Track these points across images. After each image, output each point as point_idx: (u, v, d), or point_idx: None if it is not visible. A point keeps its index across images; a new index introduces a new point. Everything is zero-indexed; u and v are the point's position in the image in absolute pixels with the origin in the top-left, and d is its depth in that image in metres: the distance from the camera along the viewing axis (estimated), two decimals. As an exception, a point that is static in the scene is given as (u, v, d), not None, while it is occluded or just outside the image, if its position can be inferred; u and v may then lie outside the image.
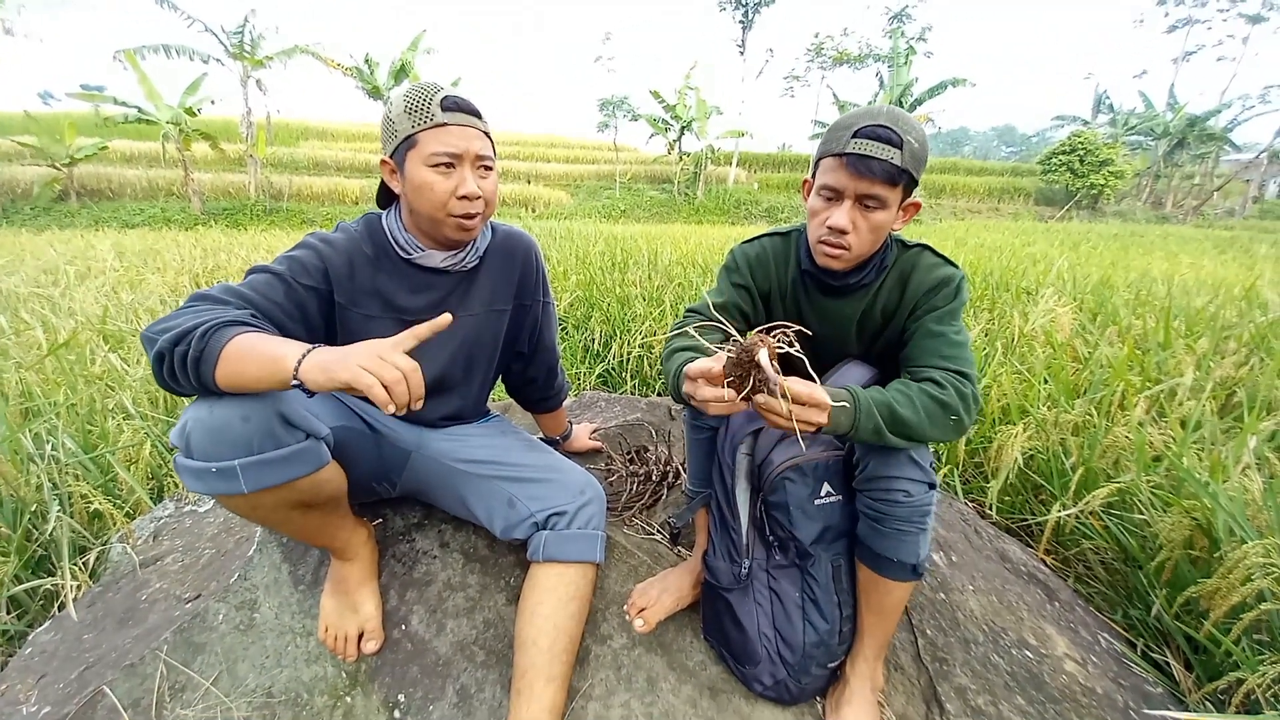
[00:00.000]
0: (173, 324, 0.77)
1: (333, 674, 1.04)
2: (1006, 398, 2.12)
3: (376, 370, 0.70)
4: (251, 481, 0.80)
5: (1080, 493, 1.63)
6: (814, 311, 1.15)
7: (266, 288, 0.93)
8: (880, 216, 0.96)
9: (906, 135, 0.91)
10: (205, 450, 0.78)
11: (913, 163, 0.93)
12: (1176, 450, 1.62)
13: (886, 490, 0.91)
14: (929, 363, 0.96)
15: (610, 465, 1.61)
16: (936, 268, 1.04)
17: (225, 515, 1.46)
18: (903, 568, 0.94)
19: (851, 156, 0.92)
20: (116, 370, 2.37)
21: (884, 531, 0.93)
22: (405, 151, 0.98)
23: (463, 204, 0.99)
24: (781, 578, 1.04)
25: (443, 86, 0.98)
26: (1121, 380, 2.07)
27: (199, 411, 0.79)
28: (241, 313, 0.83)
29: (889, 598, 0.98)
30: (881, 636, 1.03)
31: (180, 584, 1.24)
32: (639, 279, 4.35)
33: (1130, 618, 1.41)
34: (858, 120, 0.93)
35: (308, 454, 0.86)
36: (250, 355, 0.75)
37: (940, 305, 1.01)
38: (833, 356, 1.17)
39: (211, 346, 0.75)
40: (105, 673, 1.03)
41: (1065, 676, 1.15)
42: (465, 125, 0.98)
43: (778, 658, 1.01)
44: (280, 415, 0.82)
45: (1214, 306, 3.49)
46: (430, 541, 1.23)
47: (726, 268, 1.20)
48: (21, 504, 1.55)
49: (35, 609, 1.40)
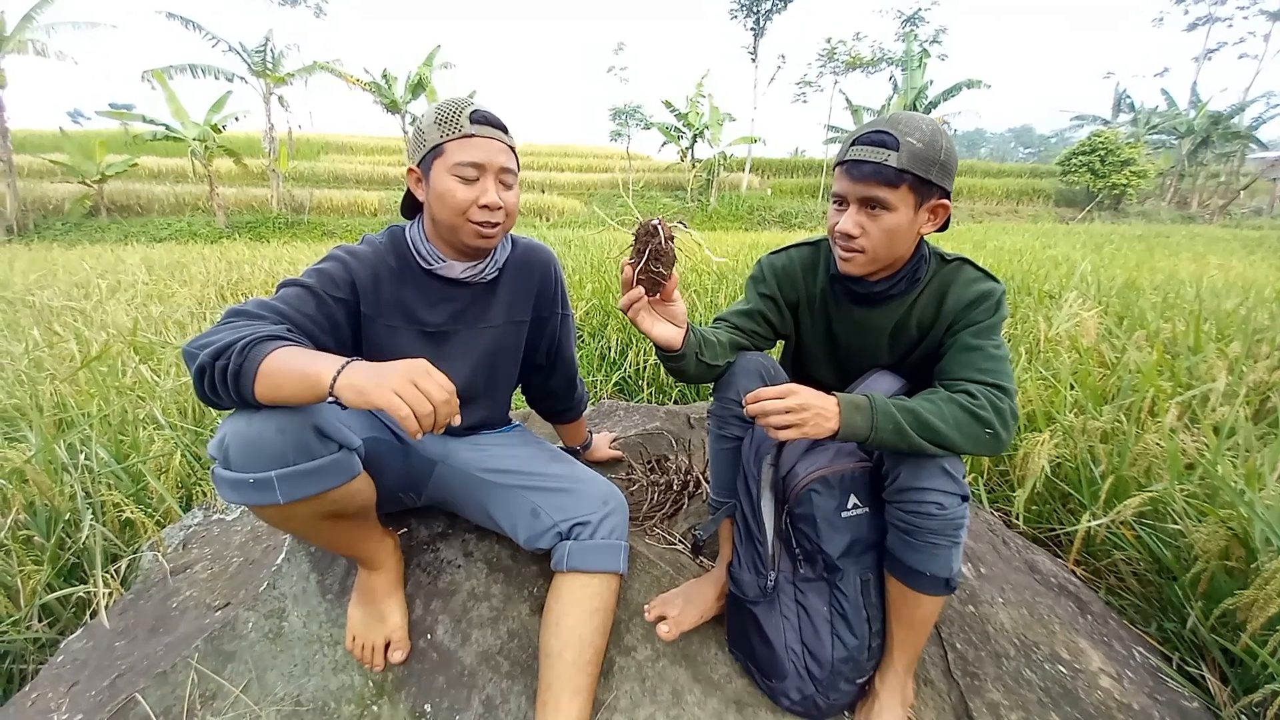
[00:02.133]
0: (212, 339, 0.80)
1: (360, 683, 1.05)
2: (1032, 404, 2.08)
3: (410, 398, 0.72)
4: (287, 493, 0.82)
5: (1111, 502, 1.59)
6: (844, 321, 1.14)
7: (299, 301, 0.95)
8: (889, 219, 0.96)
9: (906, 137, 0.92)
10: (242, 462, 0.80)
11: (915, 162, 0.92)
12: (1210, 458, 1.58)
13: (918, 502, 0.89)
14: (963, 375, 0.96)
15: (631, 475, 1.61)
16: (976, 282, 1.03)
17: (253, 524, 1.48)
18: (935, 581, 0.92)
19: (849, 163, 0.96)
20: (147, 382, 2.43)
21: (915, 544, 0.91)
22: (432, 160, 1.01)
23: (483, 213, 1.01)
24: (809, 591, 1.02)
25: (472, 102, 1.02)
26: (1151, 386, 2.02)
27: (237, 424, 0.81)
28: (278, 327, 0.85)
29: (920, 611, 0.97)
30: (912, 651, 1.01)
31: (210, 592, 1.26)
32: (654, 287, 4.35)
33: (1165, 630, 1.37)
34: (861, 129, 0.96)
35: (340, 465, 0.87)
36: (287, 370, 0.77)
37: (980, 320, 1.00)
38: (862, 367, 1.16)
39: (250, 361, 0.77)
40: (137, 680, 1.05)
41: (1100, 692, 1.12)
42: (490, 138, 1.01)
43: (805, 673, 0.99)
44: (315, 428, 0.84)
45: (1245, 309, 3.41)
46: (454, 551, 1.24)
47: (754, 278, 1.21)
48: (55, 513, 1.59)
49: (67, 617, 1.44)
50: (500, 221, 1.04)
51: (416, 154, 1.04)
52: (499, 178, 1.02)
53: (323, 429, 0.85)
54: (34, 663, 1.34)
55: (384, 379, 0.73)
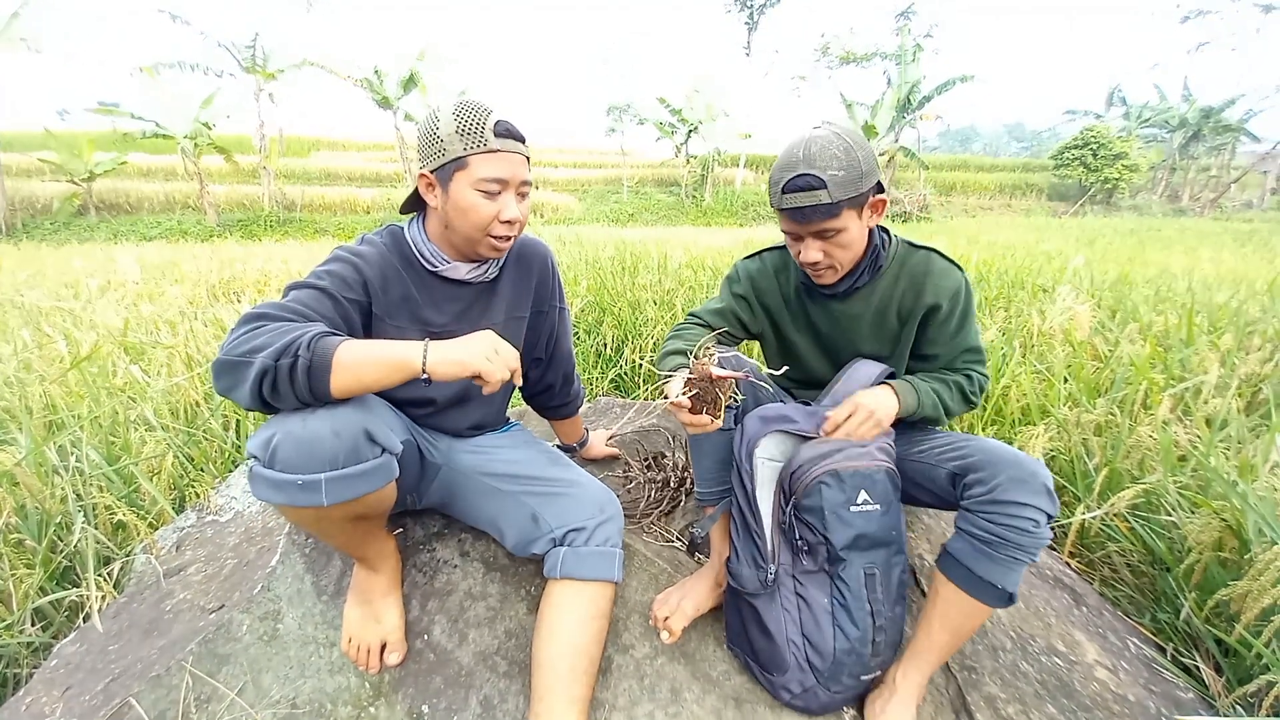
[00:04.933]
0: (259, 342, 0.79)
1: (356, 684, 1.05)
2: (1026, 398, 2.09)
3: (497, 364, 0.84)
4: (333, 495, 0.81)
5: (1105, 494, 1.60)
6: (822, 315, 1.23)
7: (315, 303, 0.94)
8: (843, 237, 1.05)
9: (827, 172, 0.98)
10: (292, 463, 0.79)
11: (845, 188, 1.00)
12: (1203, 450, 1.59)
13: (1014, 516, 0.89)
14: (958, 365, 1.18)
15: (628, 472, 1.61)
16: (948, 274, 1.14)
17: (247, 525, 1.47)
18: (1001, 595, 0.93)
19: (787, 210, 1.03)
20: (138, 382, 2.41)
21: (996, 557, 0.91)
22: (453, 171, 0.99)
23: (504, 227, 1.02)
24: (809, 583, 1.02)
25: (492, 109, 1.00)
26: (1145, 378, 2.03)
27: (289, 425, 0.80)
28: (320, 324, 0.86)
29: (971, 620, 0.97)
30: (946, 655, 1.01)
31: (204, 594, 1.25)
32: (649, 283, 4.35)
33: (1159, 621, 1.38)
34: (782, 174, 1.03)
35: (384, 469, 0.87)
36: (367, 359, 0.80)
37: (959, 309, 1.15)
38: (846, 353, 1.24)
39: (321, 356, 0.78)
40: (131, 684, 1.04)
41: (1096, 684, 1.13)
42: (514, 152, 1.00)
43: (806, 665, 0.99)
44: (366, 431, 0.84)
45: (1236, 302, 3.43)
46: (451, 551, 1.24)
47: (729, 278, 1.31)
48: (47, 516, 1.57)
49: (60, 620, 1.42)
50: (515, 234, 1.05)
51: (432, 160, 1.00)
52: (518, 190, 1.02)
53: (372, 433, 0.85)
54: (27, 667, 1.33)
55: (474, 350, 0.83)
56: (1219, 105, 23.98)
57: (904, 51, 20.68)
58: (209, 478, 1.89)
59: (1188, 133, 24.90)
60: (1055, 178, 25.48)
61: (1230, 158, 26.33)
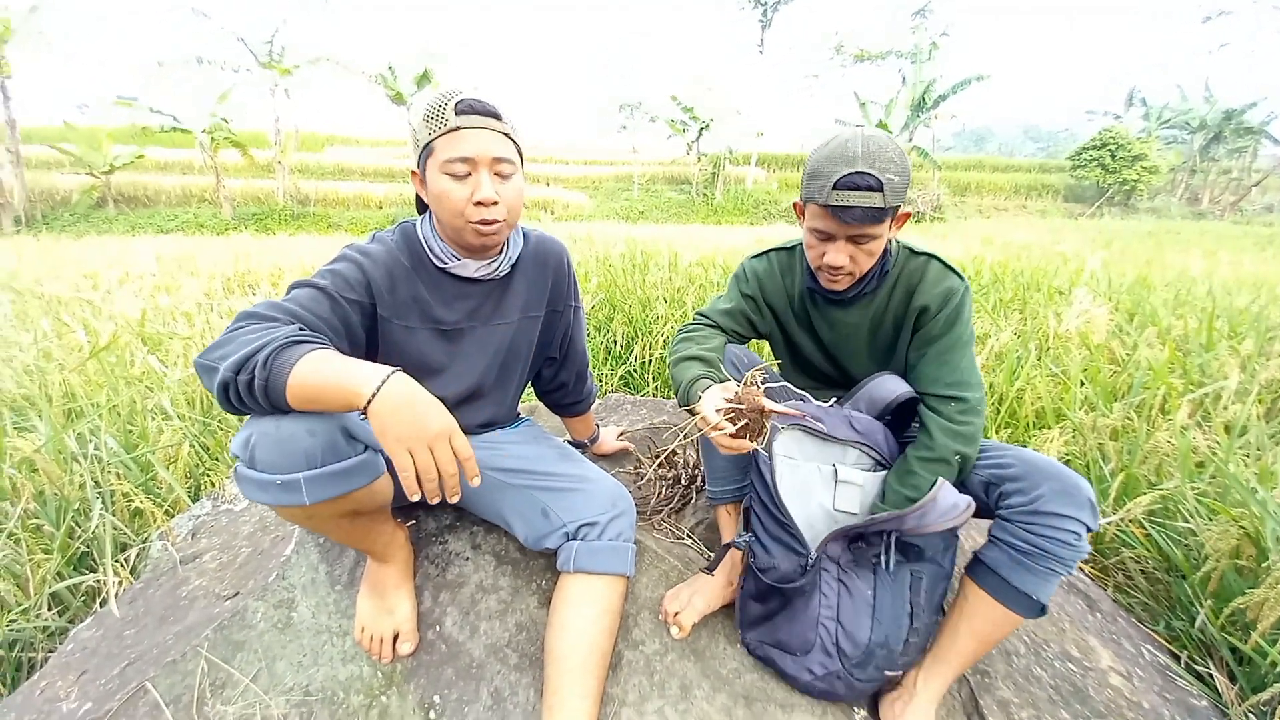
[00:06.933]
0: (227, 350, 0.77)
1: (368, 674, 1.06)
2: (1041, 401, 2.07)
3: (421, 464, 0.75)
4: (314, 493, 0.80)
5: (1120, 500, 1.58)
6: (823, 321, 1.21)
7: (312, 303, 0.92)
8: (875, 245, 1.01)
9: (885, 174, 0.94)
10: (270, 463, 0.78)
11: (898, 194, 0.96)
12: (1222, 456, 1.57)
13: (1056, 528, 0.88)
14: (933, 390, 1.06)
15: (639, 469, 1.61)
16: (942, 279, 1.08)
17: (260, 514, 1.48)
18: (1034, 606, 0.92)
19: (834, 208, 0.96)
20: (155, 372, 2.44)
21: (1033, 568, 0.90)
22: (426, 160, 0.97)
23: (479, 210, 0.96)
24: (854, 572, 1.01)
25: (461, 91, 0.95)
26: (1163, 383, 2.01)
27: (264, 425, 0.79)
28: (291, 328, 0.83)
29: (999, 630, 0.96)
30: (969, 663, 1.00)
31: (219, 582, 1.27)
32: (660, 280, 4.34)
33: (1173, 629, 1.37)
34: (834, 167, 0.96)
35: (366, 466, 0.86)
36: (319, 382, 0.75)
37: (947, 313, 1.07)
38: (851, 361, 1.22)
39: (276, 375, 0.75)
40: (147, 669, 1.05)
41: (1110, 690, 1.12)
42: (481, 128, 0.94)
43: (835, 650, 0.98)
44: (343, 429, 0.83)
45: (1257, 306, 3.38)
46: (462, 544, 1.24)
47: (737, 276, 1.28)
48: (65, 502, 1.60)
49: (77, 605, 1.44)
50: (500, 217, 0.98)
51: (415, 155, 1.00)
52: (493, 169, 0.96)
53: (351, 430, 0.84)
54: (43, 650, 1.35)
55: (401, 430, 0.74)
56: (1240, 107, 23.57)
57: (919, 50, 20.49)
58: (223, 467, 1.92)
59: (1208, 134, 24.51)
60: (1072, 179, 25.19)
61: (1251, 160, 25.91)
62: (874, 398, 1.11)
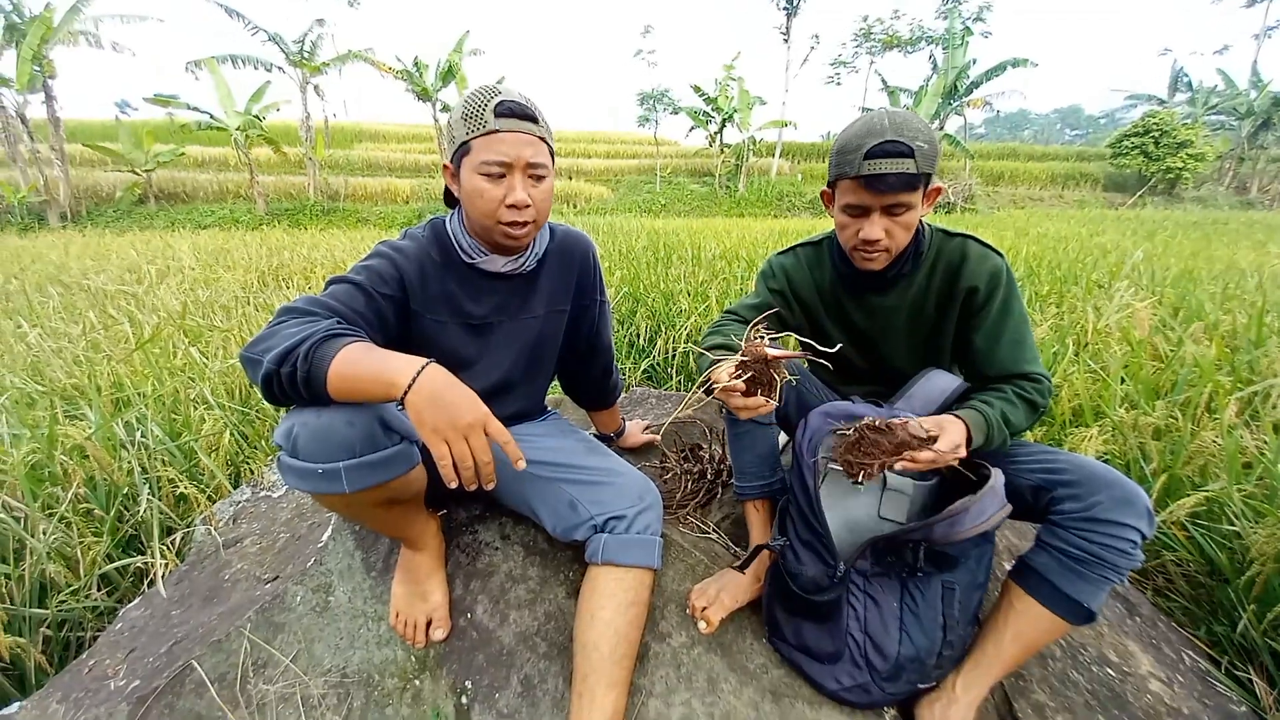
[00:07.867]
0: (271, 343, 0.81)
1: (402, 658, 1.09)
2: (1079, 398, 2.01)
3: (458, 452, 0.77)
4: (353, 482, 0.84)
5: (1163, 501, 1.53)
6: (859, 309, 1.19)
7: (349, 298, 0.96)
8: (910, 216, 1.01)
9: (915, 141, 0.94)
10: (311, 452, 0.82)
11: (927, 163, 0.96)
12: (1271, 457, 1.50)
13: (1113, 535, 0.87)
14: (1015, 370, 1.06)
15: (665, 463, 1.61)
16: (985, 259, 1.08)
17: (297, 500, 1.53)
18: (1084, 613, 0.91)
19: (868, 178, 0.96)
20: (196, 363, 2.53)
21: (1087, 575, 0.89)
22: (461, 157, 0.99)
23: (510, 212, 0.98)
24: (881, 585, 1.00)
25: (501, 91, 0.96)
26: (1209, 380, 1.93)
27: (305, 415, 0.82)
28: (330, 321, 0.86)
29: (1046, 636, 0.96)
30: (1012, 668, 0.99)
31: (259, 565, 1.32)
32: (683, 274, 4.33)
33: (1214, 633, 1.32)
34: (864, 140, 0.96)
35: (403, 456, 0.89)
36: (358, 374, 0.79)
37: (999, 294, 1.07)
38: (887, 349, 1.20)
39: (317, 366, 0.78)
40: (193, 648, 1.10)
41: (1150, 696, 1.09)
42: (518, 131, 0.96)
43: (864, 662, 0.98)
44: (381, 420, 0.86)
45: (1312, 301, 3.21)
46: (492, 534, 1.26)
47: (763, 273, 1.28)
48: (114, 487, 1.67)
49: (125, 586, 1.51)
50: (530, 220, 1.00)
51: (448, 150, 1.01)
52: (527, 173, 0.98)
53: (388, 421, 0.87)
54: (92, 630, 1.41)
55: (441, 421, 0.76)
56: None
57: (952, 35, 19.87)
58: (262, 455, 1.98)
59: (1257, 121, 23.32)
60: (1112, 167, 24.22)
61: (1305, 147, 24.59)
62: (928, 396, 1.09)
